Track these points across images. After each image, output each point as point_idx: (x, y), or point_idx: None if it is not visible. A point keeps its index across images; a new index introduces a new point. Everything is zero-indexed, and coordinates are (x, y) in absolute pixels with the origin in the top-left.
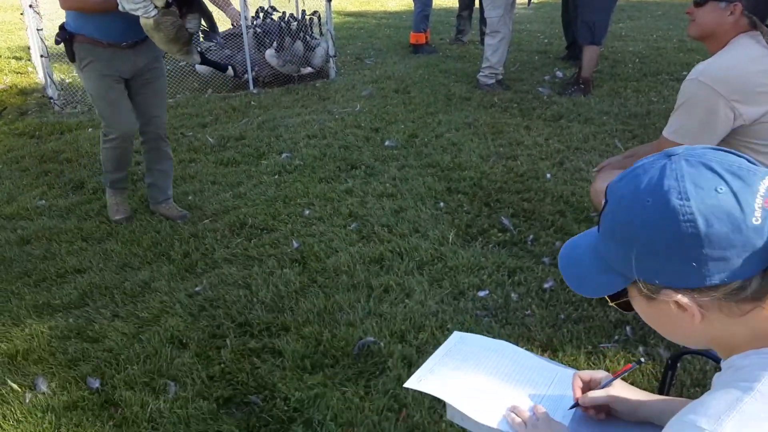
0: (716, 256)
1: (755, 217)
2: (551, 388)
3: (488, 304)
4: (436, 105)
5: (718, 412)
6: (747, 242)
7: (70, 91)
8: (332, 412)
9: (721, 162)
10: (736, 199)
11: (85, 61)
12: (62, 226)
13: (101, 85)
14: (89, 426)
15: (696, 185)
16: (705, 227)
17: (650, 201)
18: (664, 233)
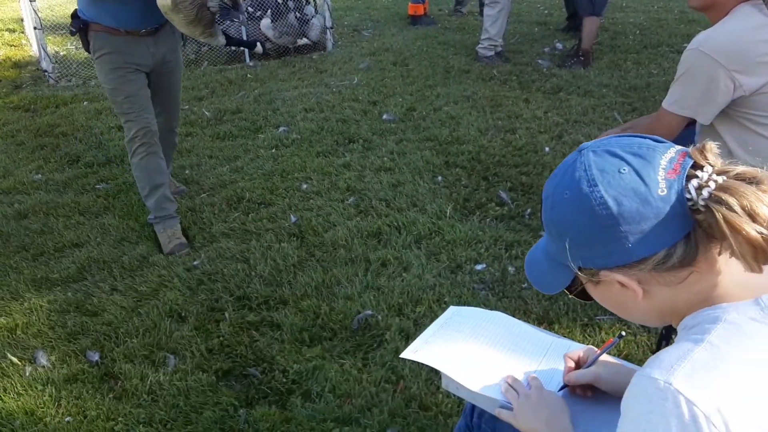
0: (634, 231)
1: (660, 189)
2: (545, 358)
3: (485, 277)
4: (434, 78)
5: (671, 362)
6: (659, 213)
7: (65, 64)
8: (330, 383)
9: (623, 146)
10: (639, 176)
11: (100, 51)
12: (59, 200)
13: (117, 77)
14: (89, 398)
15: (601, 171)
16: (616, 207)
17: (567, 194)
18: (584, 220)
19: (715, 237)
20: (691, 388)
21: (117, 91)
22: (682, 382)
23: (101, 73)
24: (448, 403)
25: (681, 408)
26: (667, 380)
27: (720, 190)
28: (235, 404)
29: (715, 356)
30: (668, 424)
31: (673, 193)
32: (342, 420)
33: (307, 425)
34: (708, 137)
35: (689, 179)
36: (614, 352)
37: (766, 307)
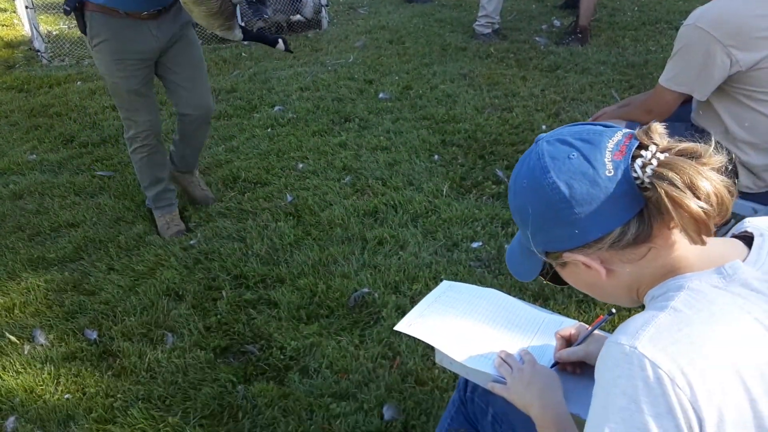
0: (587, 212)
1: (607, 170)
2: (538, 334)
3: (481, 255)
4: (431, 56)
5: (636, 328)
6: (608, 193)
7: (58, 44)
8: (327, 360)
9: (574, 133)
10: (587, 159)
11: (98, 38)
12: (54, 181)
13: (119, 69)
14: (88, 376)
15: (553, 158)
16: (567, 190)
17: (525, 182)
18: (540, 206)
19: (663, 213)
20: (656, 351)
21: (118, 86)
22: (646, 345)
23: (101, 63)
24: (444, 378)
25: (646, 371)
26: (632, 344)
27: (662, 167)
28: (234, 380)
29: (678, 320)
30: (635, 387)
31: (620, 173)
32: (339, 395)
33: (305, 400)
34: (704, 113)
35: (635, 159)
36: (606, 328)
37: (728, 275)
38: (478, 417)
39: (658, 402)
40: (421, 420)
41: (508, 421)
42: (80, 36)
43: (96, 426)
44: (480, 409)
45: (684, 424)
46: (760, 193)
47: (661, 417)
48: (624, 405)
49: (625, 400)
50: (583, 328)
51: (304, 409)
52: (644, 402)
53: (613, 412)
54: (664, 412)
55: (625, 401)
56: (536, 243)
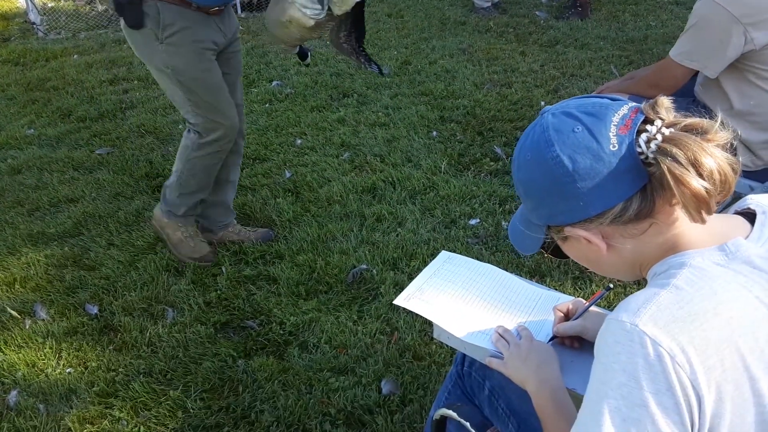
0: (590, 186)
1: (612, 144)
2: (535, 309)
3: (479, 232)
4: (429, 30)
5: (637, 305)
6: (611, 167)
7: (54, 16)
8: (326, 335)
9: (579, 106)
10: (591, 133)
11: (172, 28)
12: (53, 156)
13: (200, 61)
14: (89, 350)
15: (557, 131)
16: (571, 164)
17: (529, 155)
18: (544, 179)
19: (666, 189)
20: (657, 328)
21: (202, 82)
22: (647, 323)
23: (177, 56)
24: (441, 353)
25: (647, 348)
26: (634, 322)
27: (666, 142)
28: (234, 355)
29: (680, 298)
30: (635, 363)
31: (625, 148)
32: (338, 370)
33: (304, 375)
34: (709, 89)
35: (640, 133)
36: (603, 304)
37: (730, 252)
38: (475, 391)
39: (658, 379)
40: (418, 394)
41: (504, 395)
42: (75, 8)
43: (98, 399)
44: (477, 384)
45: (683, 401)
46: (758, 171)
47: (661, 394)
48: (624, 381)
49: (624, 376)
50: (580, 303)
51: (303, 383)
52: (644, 379)
53: (612, 388)
54: (664, 389)
55: (625, 377)
56: (538, 216)
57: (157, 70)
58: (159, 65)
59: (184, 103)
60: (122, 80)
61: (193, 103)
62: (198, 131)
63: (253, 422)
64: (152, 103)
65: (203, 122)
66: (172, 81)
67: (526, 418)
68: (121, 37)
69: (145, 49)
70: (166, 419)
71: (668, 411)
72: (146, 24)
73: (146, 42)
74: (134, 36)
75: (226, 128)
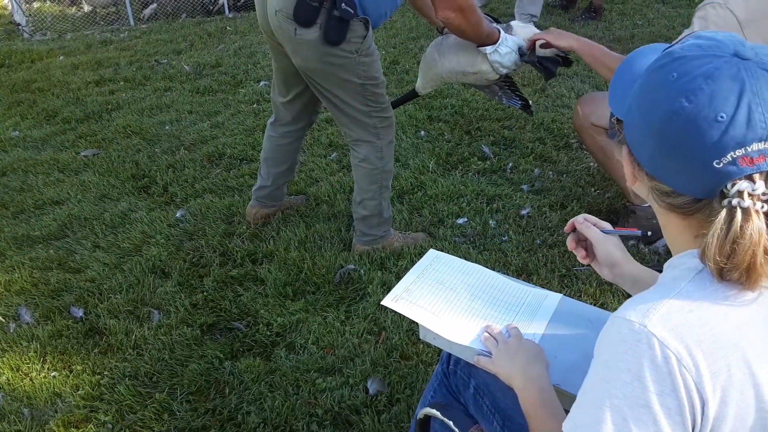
0: (669, 157)
1: (719, 161)
2: (522, 307)
3: (467, 231)
4: (418, 30)
5: (647, 306)
6: (697, 171)
7: (39, 17)
8: (314, 336)
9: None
10: (722, 135)
11: (368, 42)
12: (38, 158)
13: (379, 68)
14: (74, 353)
15: (711, 98)
16: (677, 133)
17: (675, 76)
18: (657, 109)
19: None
20: (665, 330)
21: (382, 84)
22: (656, 324)
23: (370, 68)
24: (428, 352)
25: (654, 349)
26: (642, 322)
27: (747, 216)
28: (220, 357)
29: (690, 301)
30: (641, 364)
31: (719, 175)
32: (325, 370)
33: (291, 376)
34: None
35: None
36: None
37: None
38: (461, 389)
39: (664, 380)
40: (405, 393)
41: (489, 392)
42: (61, 10)
43: (83, 403)
44: (462, 382)
45: (687, 404)
46: None
47: (665, 395)
48: (628, 381)
49: (629, 376)
50: (607, 226)
51: (290, 384)
52: (649, 379)
53: (616, 387)
54: (669, 391)
55: (629, 377)
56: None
57: (345, 81)
58: (349, 77)
59: (364, 104)
60: (108, 81)
61: (375, 105)
62: (377, 135)
63: (239, 424)
64: (138, 104)
65: (383, 120)
66: (359, 88)
67: (511, 415)
68: (107, 38)
69: (336, 62)
70: (152, 422)
71: (671, 412)
72: (339, 39)
73: (340, 55)
74: (324, 51)
75: (393, 122)
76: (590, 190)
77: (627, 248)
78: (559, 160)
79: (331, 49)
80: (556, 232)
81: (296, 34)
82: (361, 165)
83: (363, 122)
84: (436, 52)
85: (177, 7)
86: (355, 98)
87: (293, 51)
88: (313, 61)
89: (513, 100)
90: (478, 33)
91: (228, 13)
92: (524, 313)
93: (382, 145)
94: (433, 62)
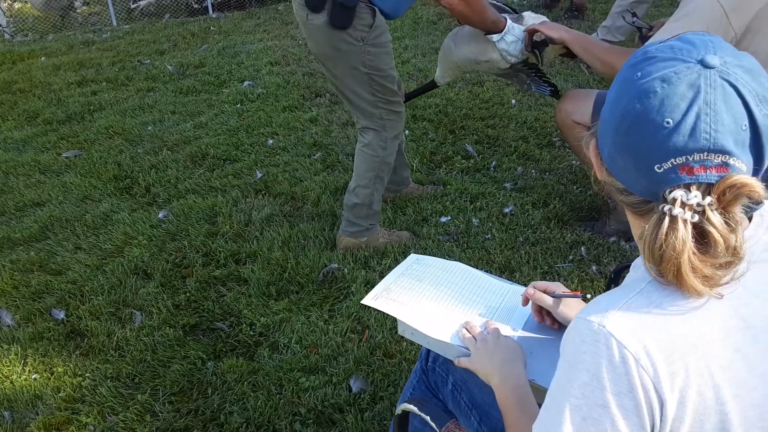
0: (622, 155)
1: (660, 166)
2: (503, 304)
3: (450, 229)
4: (402, 29)
5: (607, 306)
6: (643, 173)
7: (20, 18)
8: (297, 335)
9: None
10: (667, 140)
11: (378, 30)
12: (19, 159)
13: (391, 60)
14: (55, 355)
15: (663, 101)
16: (625, 131)
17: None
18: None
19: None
20: (624, 331)
21: (392, 79)
22: (614, 324)
23: (378, 56)
24: (411, 350)
25: (612, 349)
26: (601, 323)
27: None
28: (203, 357)
29: (650, 302)
30: (599, 364)
31: (660, 181)
32: (308, 369)
33: (275, 375)
34: None
35: (687, 187)
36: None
37: None
38: (439, 386)
39: (621, 381)
40: (389, 391)
41: (467, 389)
42: (44, 11)
43: (64, 405)
44: (441, 379)
45: (644, 404)
46: None
47: (622, 395)
48: (586, 381)
49: (588, 376)
50: (558, 288)
51: (273, 383)
52: (606, 379)
53: (575, 387)
54: (626, 391)
55: (588, 377)
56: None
57: (352, 69)
58: (356, 64)
59: (371, 94)
60: (90, 82)
61: (384, 99)
62: (383, 127)
63: (222, 424)
64: (121, 105)
65: (387, 115)
66: (366, 76)
67: (488, 410)
68: (89, 39)
69: (342, 48)
70: (134, 423)
71: (628, 412)
72: (345, 24)
73: (346, 41)
74: (331, 35)
75: (402, 120)
76: (572, 188)
77: (609, 245)
78: (542, 158)
79: (338, 34)
80: (538, 230)
81: (308, 20)
82: (363, 150)
83: (369, 111)
84: (452, 42)
85: (162, 6)
86: (363, 87)
87: (308, 36)
88: (322, 45)
89: (542, 86)
90: (483, 20)
91: (212, 13)
92: (503, 310)
93: (387, 137)
94: (449, 51)
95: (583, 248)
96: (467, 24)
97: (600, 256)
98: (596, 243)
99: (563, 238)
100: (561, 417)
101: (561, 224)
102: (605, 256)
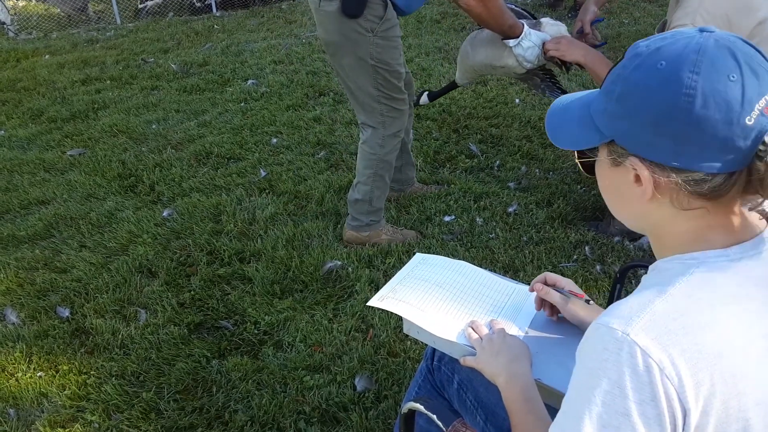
0: (697, 138)
1: (750, 117)
2: (508, 303)
3: (454, 228)
4: (405, 28)
5: (630, 313)
6: (730, 139)
7: (24, 16)
8: (301, 333)
9: (745, 54)
10: (743, 92)
11: (388, 23)
12: (23, 157)
13: (399, 55)
14: (60, 353)
15: (712, 65)
16: (700, 107)
17: (663, 64)
18: (660, 98)
19: (755, 191)
20: (648, 339)
21: (396, 74)
22: (639, 333)
23: (385, 50)
24: (415, 349)
25: (636, 358)
26: (625, 330)
27: None
28: (208, 355)
29: (674, 309)
30: (621, 373)
31: (755, 131)
32: (313, 368)
33: (279, 373)
34: None
35: None
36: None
37: (731, 260)
38: (445, 385)
39: (644, 389)
40: (393, 390)
41: (473, 387)
42: (47, 8)
43: (69, 403)
44: (446, 377)
45: (667, 413)
46: None
47: (645, 404)
48: (608, 389)
49: (609, 384)
50: (567, 283)
51: (278, 382)
52: (629, 388)
53: (596, 394)
54: (648, 399)
55: (610, 385)
56: (611, 126)
57: (359, 59)
58: (363, 55)
59: (375, 89)
60: (95, 80)
61: (388, 95)
62: (375, 126)
63: (227, 422)
64: (125, 103)
65: (389, 111)
66: (370, 71)
67: (494, 409)
68: (93, 37)
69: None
70: (139, 421)
71: (650, 421)
72: (355, 13)
73: (356, 30)
74: (342, 23)
75: (405, 118)
76: (576, 188)
77: (613, 245)
78: (545, 157)
79: (348, 22)
80: (542, 229)
81: (320, 6)
82: (362, 147)
83: (370, 106)
84: (469, 45)
85: (166, 4)
86: (367, 80)
87: (319, 23)
88: (332, 33)
89: (555, 92)
90: (500, 23)
91: (216, 12)
92: (509, 309)
93: (385, 134)
94: (466, 55)
95: (587, 248)
96: (485, 26)
97: (604, 255)
98: (600, 242)
99: (567, 237)
100: (580, 424)
101: (565, 224)
102: (609, 256)
